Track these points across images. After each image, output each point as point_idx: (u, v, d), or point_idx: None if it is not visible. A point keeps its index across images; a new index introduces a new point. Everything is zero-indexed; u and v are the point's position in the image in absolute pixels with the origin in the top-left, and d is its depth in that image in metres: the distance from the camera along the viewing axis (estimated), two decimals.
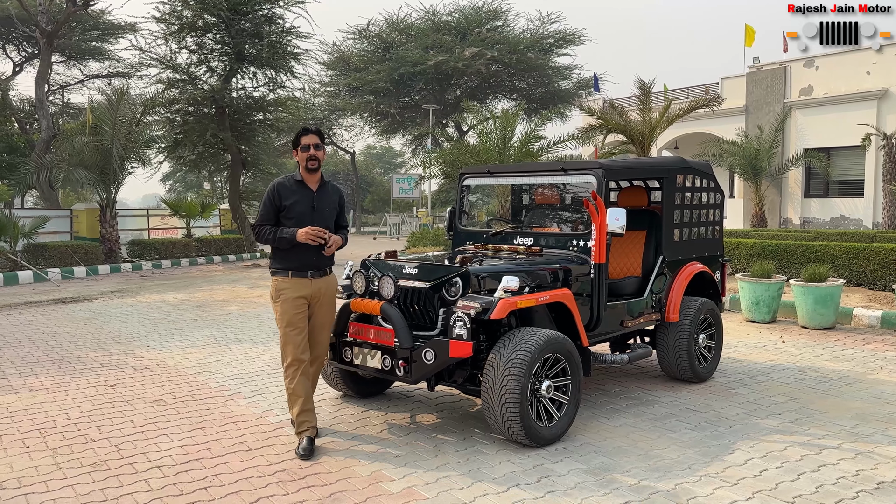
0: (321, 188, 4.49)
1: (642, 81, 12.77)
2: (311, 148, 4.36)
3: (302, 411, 4.35)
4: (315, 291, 4.40)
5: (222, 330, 8.53)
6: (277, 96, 20.08)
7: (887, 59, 20.13)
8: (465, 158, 14.25)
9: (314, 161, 4.38)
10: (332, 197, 4.57)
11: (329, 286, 4.52)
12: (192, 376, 6.20)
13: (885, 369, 6.36)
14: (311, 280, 4.39)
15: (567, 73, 37.05)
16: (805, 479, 3.85)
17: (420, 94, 36.75)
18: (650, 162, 5.82)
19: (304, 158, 4.37)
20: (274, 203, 4.37)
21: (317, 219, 4.37)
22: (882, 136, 19.38)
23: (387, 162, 73.97)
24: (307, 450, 4.23)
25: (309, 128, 4.46)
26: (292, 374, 4.33)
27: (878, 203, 19.98)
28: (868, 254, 10.04)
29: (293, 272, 4.36)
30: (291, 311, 4.33)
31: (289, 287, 4.34)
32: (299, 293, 4.34)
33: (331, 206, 4.52)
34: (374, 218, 46.65)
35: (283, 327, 4.34)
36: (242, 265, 18.15)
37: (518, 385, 4.11)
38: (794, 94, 22.29)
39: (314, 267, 4.41)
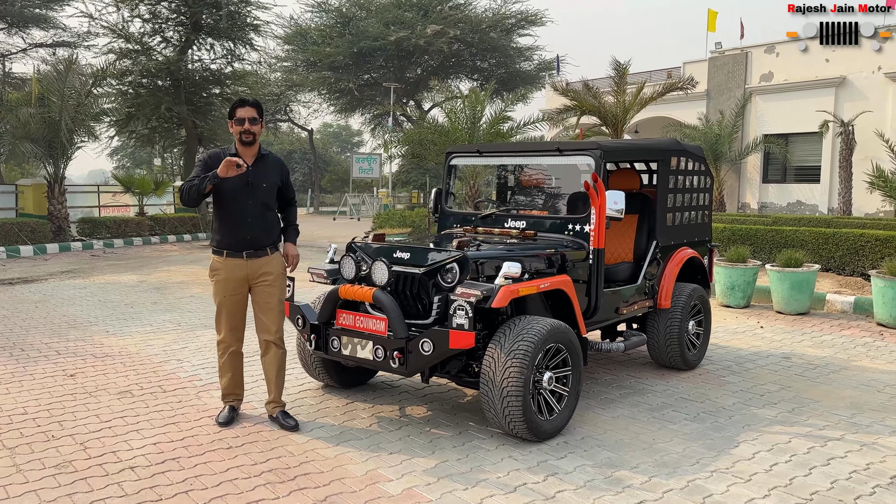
0: (258, 162, 4.26)
1: (618, 62, 12.62)
2: (245, 121, 4.16)
3: (228, 384, 4.43)
4: (253, 272, 4.24)
5: (185, 314, 8.11)
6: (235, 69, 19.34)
7: (846, 47, 20.41)
8: (433, 138, 13.94)
9: (248, 135, 4.16)
10: (272, 170, 4.34)
11: (272, 266, 4.31)
12: (158, 365, 5.81)
13: (867, 356, 6.34)
14: (247, 261, 4.22)
15: (529, 55, 36.85)
16: (818, 474, 3.72)
17: (380, 71, 36.11)
18: (646, 143, 5.64)
19: (237, 132, 4.17)
20: (207, 165, 4.17)
21: (252, 195, 4.18)
22: (839, 123, 19.69)
23: (344, 141, 72.96)
24: (226, 419, 4.34)
25: (246, 99, 4.23)
26: (221, 350, 4.37)
27: (834, 189, 20.35)
28: (837, 239, 10.10)
29: (227, 252, 4.21)
30: (223, 293, 4.25)
31: (222, 267, 4.23)
32: (234, 274, 4.21)
33: (269, 182, 4.29)
34: (332, 198, 45.95)
35: (217, 306, 4.32)
36: (199, 245, 17.53)
37: (521, 377, 3.88)
38: (754, 79, 22.49)
39: (249, 246, 4.21)
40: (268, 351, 4.38)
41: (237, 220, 4.19)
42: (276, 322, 4.33)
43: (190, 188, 4.09)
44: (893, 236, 9.51)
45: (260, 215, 4.23)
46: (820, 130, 20.42)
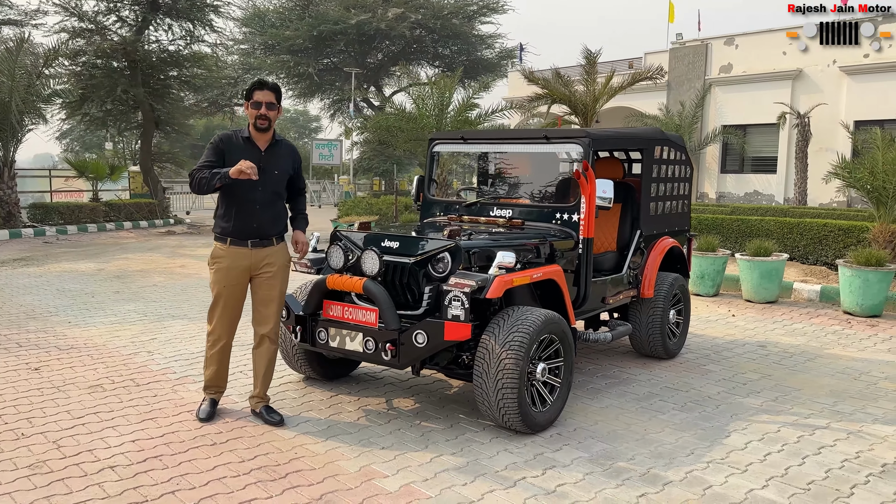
0: (271, 148, 4.07)
1: (588, 51, 12.61)
2: (262, 106, 3.94)
3: (212, 377, 4.22)
4: (256, 263, 4.05)
5: (150, 304, 7.84)
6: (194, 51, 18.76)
7: (803, 41, 20.83)
8: (401, 125, 13.76)
9: (264, 121, 3.96)
10: (285, 158, 4.14)
11: (276, 257, 4.11)
12: (127, 357, 5.58)
13: (839, 344, 6.45)
14: (251, 250, 4.02)
15: (490, 42, 36.74)
16: (811, 463, 3.74)
17: (340, 56, 35.59)
18: (632, 132, 5.60)
19: (252, 115, 3.96)
20: (218, 150, 3.97)
21: (262, 182, 3.95)
22: (796, 115, 20.09)
23: (301, 126, 71.95)
24: (206, 413, 4.17)
25: (265, 81, 4.00)
26: (212, 342, 4.15)
27: (790, 179, 20.81)
28: (801, 229, 10.30)
29: (232, 240, 3.99)
30: (223, 282, 4.04)
31: (224, 256, 4.02)
32: (236, 263, 4.00)
33: (281, 169, 4.09)
34: None
35: (214, 296, 4.10)
36: (156, 232, 17.06)
37: (517, 369, 3.81)
38: (714, 71, 22.80)
39: (255, 235, 4.02)
40: (261, 344, 4.20)
41: (245, 208, 3.98)
42: (275, 315, 4.16)
43: (200, 181, 3.88)
44: (856, 226, 9.72)
45: (269, 203, 4.03)
46: (777, 122, 20.83)
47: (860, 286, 7.63)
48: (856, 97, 19.76)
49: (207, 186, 3.88)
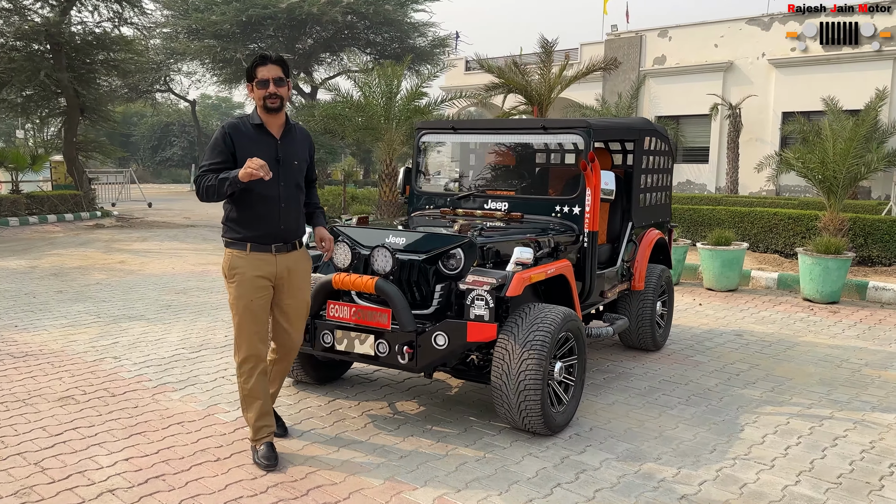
0: (286, 134, 3.51)
1: (545, 40, 12.55)
2: (270, 83, 3.36)
3: (261, 415, 3.52)
4: (281, 270, 3.47)
5: (100, 304, 7.31)
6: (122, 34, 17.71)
7: (733, 33, 21.48)
8: (348, 113, 13.37)
9: (275, 100, 3.38)
10: (301, 145, 3.60)
11: (300, 263, 3.59)
12: (93, 364, 5.14)
13: (810, 331, 6.60)
14: (275, 256, 3.45)
15: (423, 30, 36.39)
16: (833, 456, 3.75)
17: (269, 41, 34.50)
18: (625, 122, 5.52)
19: (260, 97, 3.38)
20: (226, 145, 3.35)
21: (283, 175, 3.43)
22: (728, 106, 20.72)
23: (224, 113, 69.67)
24: (270, 458, 3.46)
25: (267, 55, 3.43)
26: (248, 371, 3.46)
27: (722, 169, 21.47)
28: (752, 218, 10.57)
29: (252, 245, 3.41)
30: (249, 296, 3.40)
31: (245, 264, 3.41)
32: (259, 272, 3.41)
33: (300, 158, 3.56)
34: None
35: (238, 315, 3.43)
36: (83, 225, 16.09)
37: (539, 369, 3.66)
38: (648, 62, 23.26)
39: (280, 239, 3.46)
40: (282, 359, 3.69)
41: (266, 206, 3.39)
42: (301, 331, 3.66)
43: (207, 189, 3.30)
44: (805, 215, 10.04)
45: (292, 199, 3.50)
46: (710, 113, 21.43)
47: (820, 274, 7.85)
48: (783, 89, 20.52)
49: (217, 195, 3.30)
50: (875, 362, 5.57)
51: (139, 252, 11.65)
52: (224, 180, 3.25)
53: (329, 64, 40.08)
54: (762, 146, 20.61)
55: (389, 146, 13.54)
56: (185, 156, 45.96)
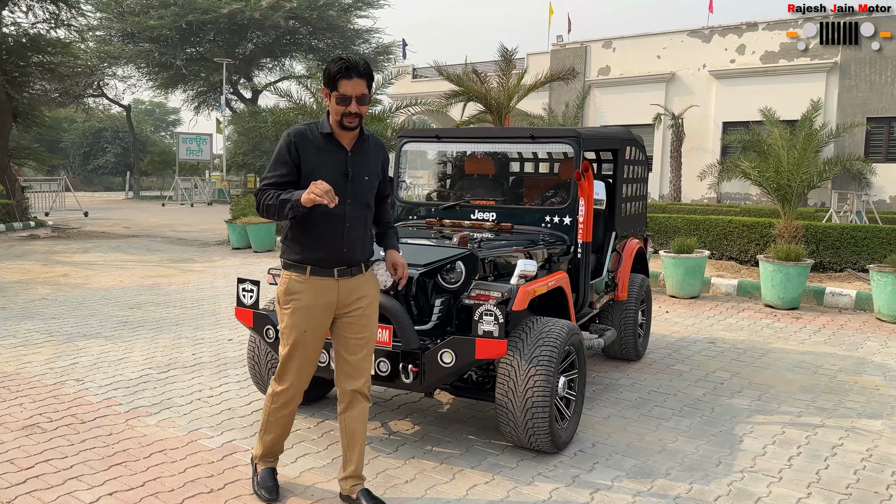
0: (359, 146, 3.08)
1: (505, 48, 12.56)
2: (352, 101, 2.91)
3: (277, 441, 3.29)
4: (344, 298, 3.07)
5: (49, 321, 6.86)
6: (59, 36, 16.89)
7: (675, 45, 22.04)
8: (300, 119, 13.07)
9: (353, 119, 2.95)
10: (374, 158, 3.16)
11: (368, 289, 3.16)
12: (54, 388, 4.79)
13: (778, 338, 6.71)
14: (337, 281, 3.04)
15: (367, 37, 36.18)
16: (835, 466, 3.76)
17: (207, 45, 33.69)
18: (609, 132, 5.49)
19: (338, 113, 2.94)
20: (291, 156, 2.98)
21: (351, 191, 3.03)
22: (670, 116, 21.21)
23: (158, 119, 67.88)
24: (271, 490, 3.21)
25: (354, 65, 2.90)
26: (284, 402, 3.18)
27: (665, 177, 21.95)
28: (707, 225, 10.77)
29: (312, 269, 3.02)
30: (304, 326, 3.03)
31: (304, 290, 3.01)
32: (320, 300, 3.02)
33: (372, 173, 3.13)
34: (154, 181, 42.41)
35: (289, 344, 3.06)
36: (17, 236, 15.24)
37: (548, 386, 3.55)
38: (593, 73, 23.64)
39: (343, 262, 3.05)
40: (354, 405, 3.16)
41: (330, 226, 3.01)
42: (368, 364, 3.18)
43: (268, 208, 2.94)
44: (758, 222, 10.29)
45: (360, 219, 3.09)
46: (653, 123, 21.87)
47: (782, 280, 8.02)
48: (724, 100, 21.14)
49: (277, 216, 2.93)
50: (848, 368, 5.68)
51: (81, 264, 11.08)
52: (285, 202, 2.87)
53: (270, 69, 39.44)
54: (704, 155, 21.17)
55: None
56: (118, 163, 44.36)
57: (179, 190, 30.30)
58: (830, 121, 18.51)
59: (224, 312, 7.43)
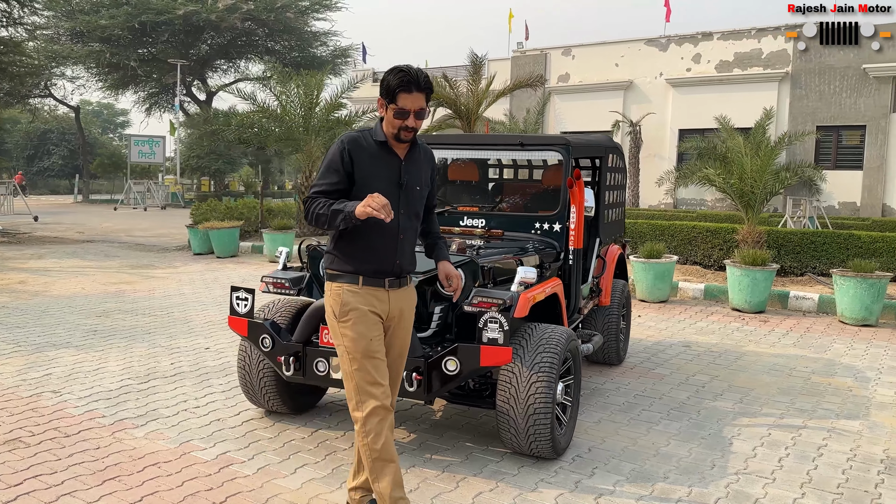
0: (411, 155, 2.99)
1: (475, 55, 12.58)
2: (410, 115, 2.82)
3: (396, 484, 2.88)
4: (393, 309, 2.98)
5: (14, 330, 6.62)
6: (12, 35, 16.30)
7: (633, 53, 22.46)
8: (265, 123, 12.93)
9: (409, 133, 2.86)
10: (424, 167, 3.07)
11: (410, 301, 3.10)
12: (30, 400, 4.62)
13: (749, 341, 6.88)
14: (388, 291, 2.95)
15: (325, 40, 35.95)
16: (823, 466, 3.87)
17: (162, 46, 33.00)
18: (594, 140, 5.56)
19: (395, 126, 2.84)
20: (344, 163, 2.87)
21: (404, 201, 2.93)
22: (629, 123, 21.63)
23: (106, 121, 66.22)
24: None
25: (415, 78, 2.79)
26: (376, 427, 2.84)
27: None
28: (672, 231, 10.99)
29: (365, 278, 2.91)
30: (369, 334, 2.88)
31: (359, 300, 2.89)
32: (373, 308, 2.92)
33: (423, 182, 3.04)
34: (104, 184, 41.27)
35: (358, 360, 2.85)
36: None
37: (549, 392, 3.58)
38: (553, 80, 23.92)
39: (394, 273, 2.96)
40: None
41: (383, 237, 2.90)
42: (400, 377, 3.14)
43: (318, 217, 2.82)
44: (722, 228, 10.54)
45: (411, 230, 3.01)
46: (612, 129, 22.26)
47: (749, 284, 8.23)
48: (679, 107, 21.63)
49: (328, 226, 2.81)
50: (820, 370, 5.86)
51: (38, 271, 10.72)
52: (337, 213, 2.76)
53: (225, 71, 38.86)
54: (661, 162, 21.63)
55: (309, 157, 13.19)
56: (65, 165, 43.14)
57: (132, 194, 29.56)
58: (782, 129, 19.11)
59: (196, 320, 7.27)
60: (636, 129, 21.36)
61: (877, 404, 4.97)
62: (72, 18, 30.17)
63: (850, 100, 19.13)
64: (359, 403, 2.86)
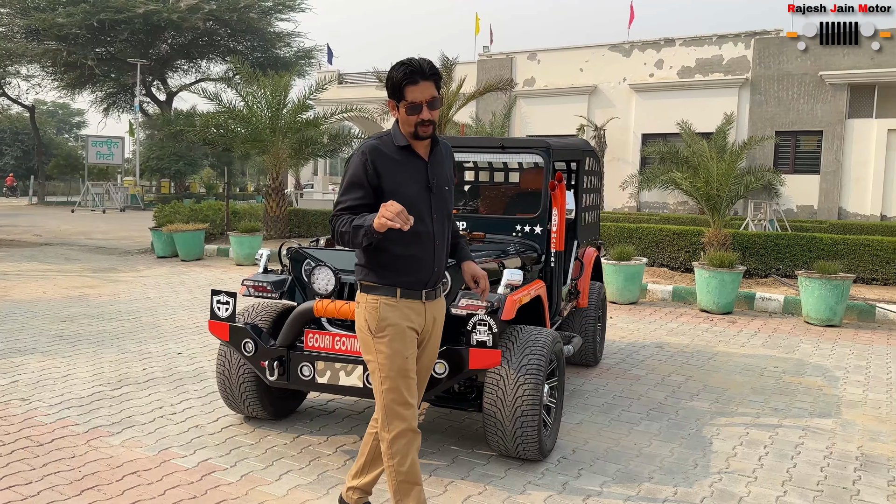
0: (435, 153, 2.84)
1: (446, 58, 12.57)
2: (423, 107, 2.65)
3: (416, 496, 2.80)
4: (429, 321, 2.85)
5: None
6: None
7: (597, 58, 22.73)
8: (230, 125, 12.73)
9: (428, 127, 2.69)
10: (448, 165, 2.93)
11: (441, 311, 2.97)
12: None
13: (720, 341, 7.00)
14: (424, 304, 2.81)
15: (288, 40, 35.64)
16: (802, 464, 3.95)
17: (121, 45, 32.33)
18: (572, 143, 5.60)
19: (411, 123, 2.68)
20: (367, 176, 2.71)
21: (435, 204, 2.79)
22: (593, 127, 21.88)
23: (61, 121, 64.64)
24: None
25: (419, 68, 2.64)
26: (404, 449, 2.74)
27: None
28: (640, 234, 11.13)
29: (403, 291, 2.76)
30: (405, 352, 2.73)
31: (397, 315, 2.74)
32: (410, 324, 2.77)
33: (449, 181, 2.90)
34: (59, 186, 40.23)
35: (392, 378, 2.71)
36: None
37: (537, 394, 3.59)
38: (519, 84, 24.06)
39: (431, 283, 2.82)
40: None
41: (420, 245, 2.75)
42: (424, 387, 3.01)
43: (342, 235, 2.68)
44: (688, 230, 10.72)
45: (445, 234, 2.85)
46: (576, 133, 22.48)
47: (717, 286, 8.38)
48: (642, 112, 21.95)
49: (352, 244, 2.67)
50: (790, 370, 5.98)
51: None
52: (358, 228, 2.61)
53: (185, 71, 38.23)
54: (624, 166, 21.91)
55: (276, 159, 13.04)
56: (18, 166, 41.93)
57: (90, 195, 28.87)
58: (742, 134, 19.54)
59: (165, 325, 7.12)
60: (600, 133, 21.62)
61: (847, 403, 5.09)
62: (27, 16, 29.39)
63: (807, 106, 19.64)
64: (386, 424, 2.75)
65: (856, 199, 19.16)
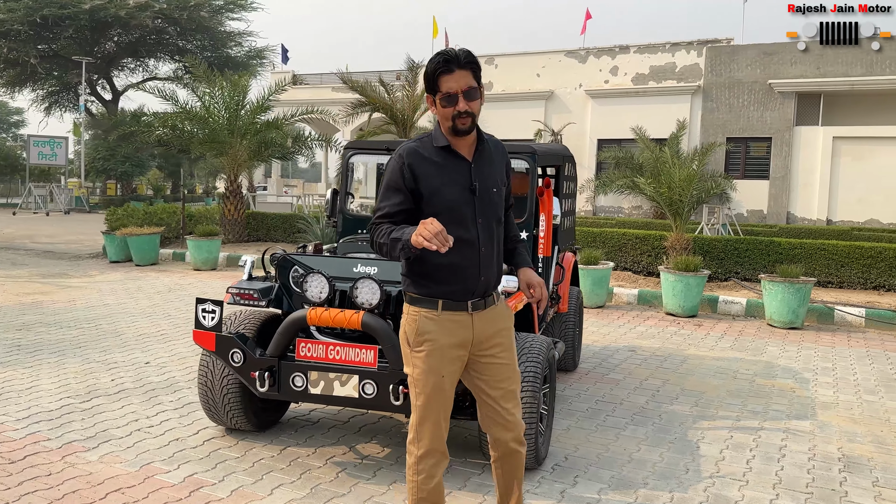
0: (480, 153, 2.65)
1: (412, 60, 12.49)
2: (459, 98, 2.48)
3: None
4: (479, 335, 2.64)
5: None
6: None
7: (554, 64, 22.96)
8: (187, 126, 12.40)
9: (466, 119, 2.51)
10: (497, 165, 2.72)
11: (505, 321, 2.77)
12: None
13: (689, 345, 7.11)
14: (471, 316, 2.62)
15: (240, 40, 35.07)
16: (789, 466, 4.01)
17: (65, 41, 31.27)
18: (553, 148, 5.59)
19: (448, 116, 2.52)
20: (405, 180, 2.57)
21: (480, 209, 2.61)
22: (550, 132, 22.07)
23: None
24: None
25: (454, 56, 2.49)
26: (429, 469, 2.63)
27: None
28: (603, 238, 11.26)
29: (444, 302, 2.60)
30: (442, 370, 2.60)
31: (437, 328, 2.59)
32: (453, 338, 2.60)
33: (498, 183, 2.69)
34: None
35: (425, 394, 2.60)
36: None
37: (534, 402, 3.56)
38: None
39: (478, 293, 2.64)
40: (511, 456, 2.77)
41: (462, 253, 2.57)
42: (518, 410, 2.76)
43: (380, 247, 2.55)
44: (650, 235, 10.88)
45: (493, 240, 2.66)
46: (534, 138, 22.63)
47: (682, 290, 8.52)
48: (598, 118, 22.25)
49: (390, 256, 2.55)
50: (761, 372, 6.10)
51: None
52: (396, 242, 2.47)
53: (132, 70, 37.24)
54: (581, 170, 22.13)
55: (234, 161, 12.76)
56: None
57: (33, 197, 27.82)
58: (695, 140, 19.98)
59: (128, 333, 6.87)
60: (557, 138, 21.80)
61: (820, 404, 5.21)
62: None
63: (757, 113, 20.19)
64: (416, 440, 2.64)
65: (803, 203, 19.77)
